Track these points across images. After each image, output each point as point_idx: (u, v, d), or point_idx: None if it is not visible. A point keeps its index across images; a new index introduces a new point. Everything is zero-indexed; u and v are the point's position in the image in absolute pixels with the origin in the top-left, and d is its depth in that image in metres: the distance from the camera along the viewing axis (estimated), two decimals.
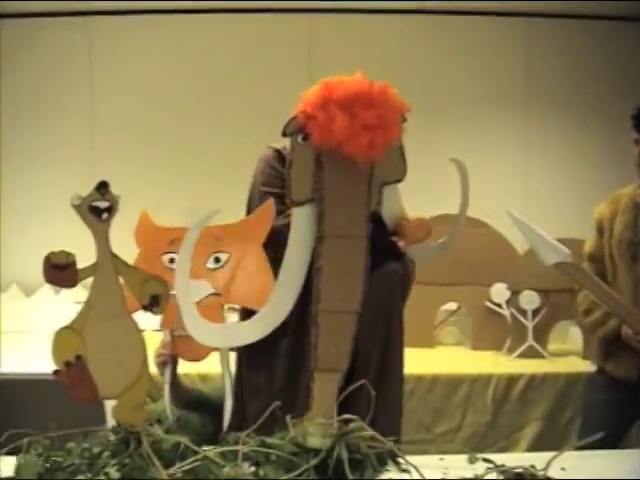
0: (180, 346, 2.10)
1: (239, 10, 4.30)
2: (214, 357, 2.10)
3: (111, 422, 1.71)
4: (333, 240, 2.06)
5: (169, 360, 2.19)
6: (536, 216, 3.89)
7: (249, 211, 2.29)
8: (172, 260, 2.02)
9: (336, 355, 2.08)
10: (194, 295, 1.96)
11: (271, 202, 2.10)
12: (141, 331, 1.70)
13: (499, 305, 3.78)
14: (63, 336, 1.65)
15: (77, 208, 1.62)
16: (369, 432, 1.63)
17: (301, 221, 2.05)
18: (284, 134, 2.03)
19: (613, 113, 4.39)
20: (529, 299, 3.67)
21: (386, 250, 2.24)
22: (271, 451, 1.55)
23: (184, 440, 1.60)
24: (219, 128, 4.36)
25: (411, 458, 1.66)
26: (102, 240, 1.65)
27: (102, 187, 1.63)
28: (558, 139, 4.50)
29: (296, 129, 2.01)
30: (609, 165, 4.45)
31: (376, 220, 2.15)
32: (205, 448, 1.60)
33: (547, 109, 4.45)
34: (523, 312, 3.68)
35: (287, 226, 2.06)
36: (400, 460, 1.61)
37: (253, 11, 4.31)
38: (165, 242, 2.05)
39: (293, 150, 2.04)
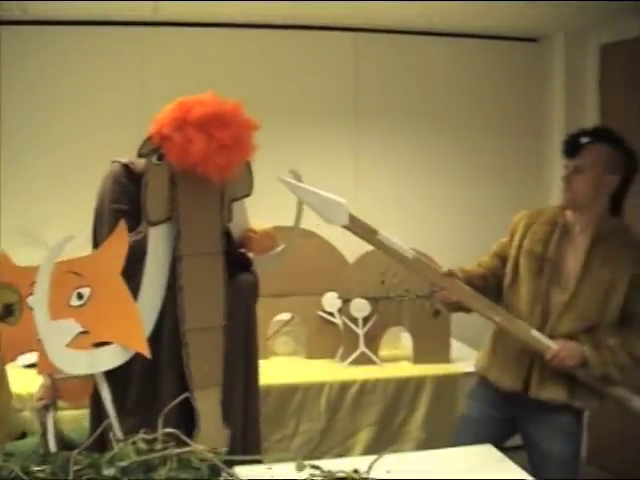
0: (62, 390, 2.09)
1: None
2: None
3: None
4: (191, 259, 2.09)
5: (50, 404, 2.15)
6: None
7: (96, 230, 2.23)
8: None
9: (209, 371, 2.11)
10: (63, 336, 1.87)
11: (123, 228, 2.01)
12: None
13: (331, 314, 3.85)
14: None
15: None
16: (199, 447, 1.63)
17: (158, 241, 2.07)
18: (140, 155, 2.04)
19: (438, 120, 4.60)
20: (359, 307, 3.77)
21: (237, 262, 2.29)
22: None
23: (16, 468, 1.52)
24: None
25: (241, 468, 1.68)
26: None
27: None
28: (386, 148, 4.63)
29: (152, 149, 2.01)
30: (433, 171, 4.65)
31: (224, 234, 2.19)
32: (37, 468, 1.55)
33: (375, 120, 4.57)
34: (354, 320, 3.77)
35: (139, 242, 2.06)
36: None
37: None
38: (27, 285, 1.91)
39: (149, 171, 2.04)
